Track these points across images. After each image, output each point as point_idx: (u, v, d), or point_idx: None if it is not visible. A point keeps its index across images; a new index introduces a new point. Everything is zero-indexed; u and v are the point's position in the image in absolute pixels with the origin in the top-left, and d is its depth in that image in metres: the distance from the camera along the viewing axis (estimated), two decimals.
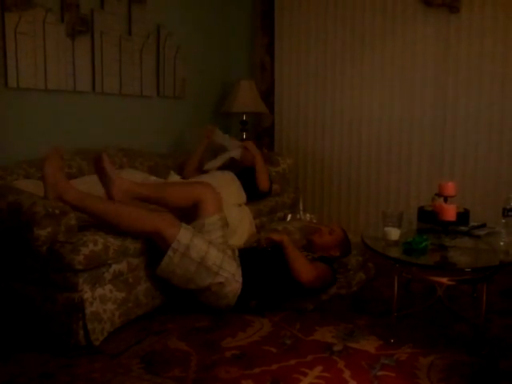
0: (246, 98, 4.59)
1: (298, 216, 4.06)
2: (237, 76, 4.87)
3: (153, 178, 3.27)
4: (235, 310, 2.84)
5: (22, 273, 2.52)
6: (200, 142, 4.05)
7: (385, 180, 4.51)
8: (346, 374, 2.24)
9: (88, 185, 2.94)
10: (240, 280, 2.80)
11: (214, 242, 2.80)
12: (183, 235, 2.66)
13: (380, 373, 2.26)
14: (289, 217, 4.02)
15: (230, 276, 2.76)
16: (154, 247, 2.78)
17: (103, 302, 2.49)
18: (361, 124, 4.57)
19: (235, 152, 3.94)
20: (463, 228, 2.93)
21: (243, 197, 3.61)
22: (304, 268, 2.89)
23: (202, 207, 2.85)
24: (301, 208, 4.15)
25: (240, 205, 3.58)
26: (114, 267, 2.57)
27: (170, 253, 2.65)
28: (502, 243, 2.74)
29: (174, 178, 3.55)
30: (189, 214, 2.87)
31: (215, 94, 4.93)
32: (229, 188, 3.52)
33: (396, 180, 4.47)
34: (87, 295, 2.42)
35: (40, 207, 2.37)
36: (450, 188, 2.92)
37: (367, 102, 4.53)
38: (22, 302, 2.51)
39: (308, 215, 4.09)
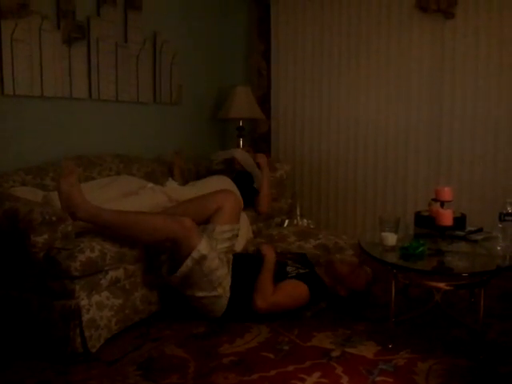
0: (243, 104, 4.59)
1: (295, 221, 4.07)
2: (233, 82, 4.87)
3: (150, 185, 3.27)
4: (223, 319, 2.84)
5: (19, 280, 2.51)
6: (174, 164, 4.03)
7: (382, 185, 4.52)
8: (344, 380, 2.23)
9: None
10: (228, 295, 2.80)
11: (218, 252, 2.82)
12: (203, 246, 2.66)
13: (378, 378, 2.25)
14: (286, 222, 4.02)
15: (223, 294, 2.77)
16: (151, 253, 2.78)
17: (100, 309, 2.48)
18: (357, 129, 4.57)
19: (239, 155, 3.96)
20: (460, 233, 2.93)
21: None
22: (261, 293, 2.78)
23: (218, 214, 2.91)
24: (298, 213, 4.15)
25: None
26: (111, 274, 2.57)
27: (188, 261, 2.63)
28: (498, 248, 2.74)
29: (172, 184, 3.55)
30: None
31: (212, 99, 4.94)
32: None
33: (393, 185, 4.47)
34: (84, 302, 2.41)
35: (37, 214, 2.36)
36: (447, 193, 2.92)
37: (363, 107, 4.54)
38: (18, 309, 2.50)
39: (305, 221, 4.09)
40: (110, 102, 3.82)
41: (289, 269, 3.04)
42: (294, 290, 2.89)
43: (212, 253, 2.70)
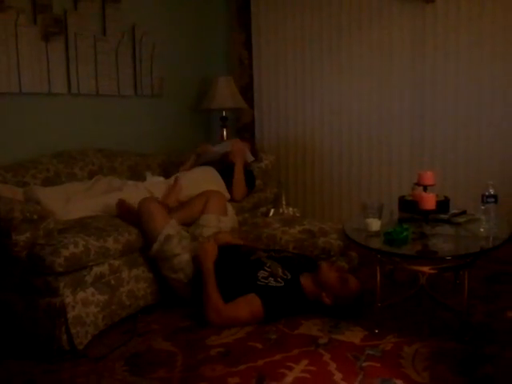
0: (225, 95, 4.57)
1: (281, 210, 4.06)
2: (215, 72, 4.84)
3: (130, 183, 3.28)
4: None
5: (2, 279, 2.49)
6: (190, 157, 3.97)
7: (366, 171, 4.52)
8: (332, 367, 2.24)
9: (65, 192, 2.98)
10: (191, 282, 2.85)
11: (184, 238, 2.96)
12: (170, 228, 2.85)
13: (365, 364, 2.27)
14: (271, 211, 4.01)
15: (183, 279, 2.85)
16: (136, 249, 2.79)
17: (85, 306, 2.47)
18: (341, 116, 4.57)
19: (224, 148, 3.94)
20: (443, 216, 2.94)
21: (225, 192, 3.58)
22: (209, 306, 2.66)
23: (205, 206, 3.16)
24: (283, 202, 4.15)
25: None
26: (96, 270, 2.55)
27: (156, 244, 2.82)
28: (482, 229, 2.76)
29: (153, 178, 3.54)
30: None
31: (194, 91, 4.90)
32: (209, 183, 3.50)
33: (377, 171, 4.48)
34: (69, 299, 2.40)
35: (17, 212, 2.34)
36: (429, 177, 2.93)
37: (346, 94, 4.53)
38: (3, 308, 2.48)
39: (291, 209, 4.09)
40: (90, 96, 3.78)
41: (261, 274, 2.76)
42: (247, 305, 2.68)
43: (176, 237, 2.85)
